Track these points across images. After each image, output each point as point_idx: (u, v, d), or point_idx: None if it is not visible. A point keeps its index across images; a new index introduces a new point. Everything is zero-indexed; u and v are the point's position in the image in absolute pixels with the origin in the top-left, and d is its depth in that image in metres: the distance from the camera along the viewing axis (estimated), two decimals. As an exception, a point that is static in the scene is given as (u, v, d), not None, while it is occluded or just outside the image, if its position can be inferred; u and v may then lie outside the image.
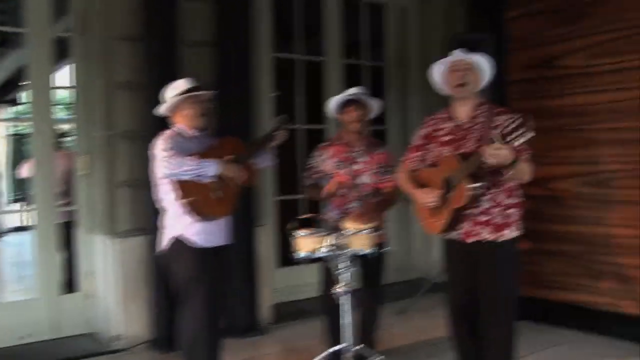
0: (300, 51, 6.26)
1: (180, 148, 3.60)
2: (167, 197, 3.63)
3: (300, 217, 3.66)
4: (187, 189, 3.54)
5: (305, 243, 3.63)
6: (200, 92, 3.76)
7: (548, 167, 5.04)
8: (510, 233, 3.35)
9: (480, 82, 3.41)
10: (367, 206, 3.90)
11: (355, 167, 4.04)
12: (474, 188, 3.19)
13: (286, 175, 6.25)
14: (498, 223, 3.33)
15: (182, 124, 3.77)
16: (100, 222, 4.83)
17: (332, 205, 4.09)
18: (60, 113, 10.23)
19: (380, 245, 4.01)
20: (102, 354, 4.64)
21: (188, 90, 3.74)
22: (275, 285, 5.65)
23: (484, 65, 3.41)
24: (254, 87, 5.15)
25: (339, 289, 3.63)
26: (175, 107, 3.76)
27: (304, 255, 3.64)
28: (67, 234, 5.47)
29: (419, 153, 3.60)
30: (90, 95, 4.86)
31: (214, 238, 3.72)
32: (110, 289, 4.76)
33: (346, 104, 4.02)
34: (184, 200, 3.55)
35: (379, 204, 3.98)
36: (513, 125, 2.89)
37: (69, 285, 5.34)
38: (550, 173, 5.02)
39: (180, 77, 4.62)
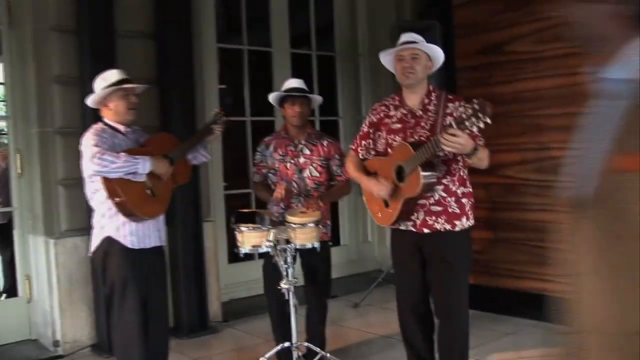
0: (249, 42, 6.11)
1: (110, 144, 3.39)
2: (97, 195, 3.42)
3: (241, 211, 3.51)
4: (117, 187, 3.32)
5: (249, 238, 3.49)
6: (129, 85, 3.53)
7: (498, 154, 4.89)
8: (464, 223, 3.25)
9: (429, 69, 3.26)
10: (312, 199, 3.78)
11: (300, 160, 3.92)
12: (428, 177, 3.08)
13: (235, 168, 6.12)
14: (453, 213, 3.22)
15: (110, 118, 3.54)
16: (37, 223, 4.63)
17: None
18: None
19: (326, 238, 3.93)
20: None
21: (117, 82, 3.51)
22: (226, 282, 5.53)
23: (433, 52, 3.26)
24: (197, 79, 4.98)
25: (283, 284, 3.52)
26: (103, 100, 3.53)
27: (247, 250, 3.50)
28: (6, 235, 5.24)
29: (368, 141, 3.46)
30: (23, 91, 4.65)
31: (147, 239, 3.53)
32: (50, 293, 4.56)
33: (285, 98, 3.90)
34: (114, 200, 3.35)
35: (325, 196, 3.86)
36: (469, 112, 2.79)
37: (12, 289, 5.13)
38: (500, 160, 4.93)
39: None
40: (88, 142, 3.37)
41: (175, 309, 4.94)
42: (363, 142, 3.48)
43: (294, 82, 3.95)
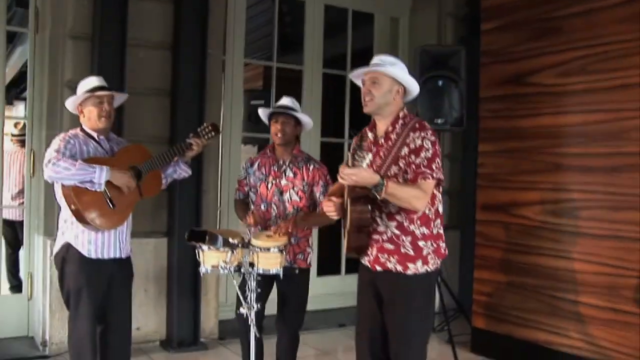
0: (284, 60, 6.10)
1: (76, 151, 3.37)
2: (62, 200, 3.40)
3: (194, 229, 3.41)
4: (72, 194, 3.27)
5: (209, 257, 3.38)
6: (101, 92, 3.47)
7: (512, 192, 4.67)
8: (419, 267, 2.95)
9: (397, 94, 2.99)
10: (283, 223, 3.62)
11: (281, 181, 3.78)
12: (355, 211, 2.88)
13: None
14: (406, 254, 2.96)
15: (86, 124, 3.52)
16: (39, 222, 4.74)
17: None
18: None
19: (304, 266, 3.78)
20: (30, 358, 4.52)
21: (92, 89, 3.48)
22: (229, 301, 5.44)
23: (398, 77, 2.99)
24: (206, 91, 4.96)
25: (242, 309, 3.40)
26: (79, 106, 3.51)
27: (206, 269, 3.40)
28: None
29: None
30: (39, 94, 4.79)
31: (106, 249, 3.46)
32: (44, 293, 4.64)
33: (272, 115, 3.78)
34: (69, 206, 3.31)
35: (301, 222, 3.68)
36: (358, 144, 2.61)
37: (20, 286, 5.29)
38: (517, 199, 4.64)
39: (124, 78, 4.59)
40: (51, 146, 3.37)
41: (168, 321, 4.92)
42: None
43: (283, 100, 3.82)
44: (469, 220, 5.54)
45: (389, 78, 2.98)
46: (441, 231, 3.06)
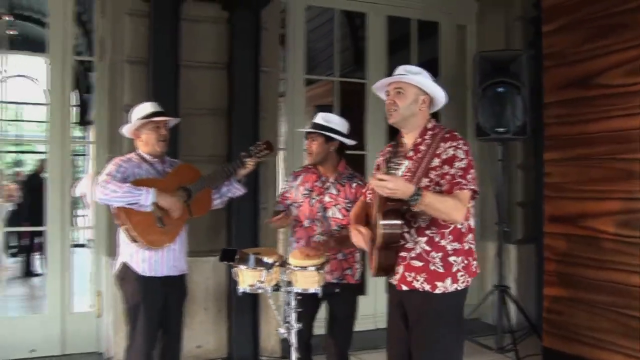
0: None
1: (128, 174, 3.50)
2: (116, 221, 3.55)
3: (226, 248, 3.38)
4: (122, 213, 3.41)
5: (246, 277, 3.35)
6: (159, 118, 3.63)
7: (581, 202, 4.35)
8: (448, 285, 2.79)
9: (422, 104, 2.86)
10: (322, 242, 3.54)
11: (325, 198, 3.69)
12: (385, 226, 2.73)
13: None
14: (434, 271, 2.80)
15: (142, 148, 3.66)
16: (103, 243, 4.89)
17: (296, 236, 3.77)
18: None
19: (351, 281, 3.67)
20: (95, 374, 4.67)
21: (149, 115, 3.63)
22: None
23: (424, 85, 2.85)
24: (260, 109, 4.96)
25: (280, 329, 3.33)
26: (136, 131, 3.67)
27: (244, 289, 3.36)
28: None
29: None
30: (100, 118, 4.98)
31: (159, 268, 3.56)
32: (108, 311, 4.78)
33: (308, 133, 3.72)
34: (122, 227, 3.46)
35: (339, 241, 3.58)
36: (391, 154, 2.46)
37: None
38: (584, 209, 4.31)
39: (178, 99, 4.67)
40: (105, 170, 3.54)
41: (228, 339, 4.93)
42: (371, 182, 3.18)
43: (317, 117, 3.74)
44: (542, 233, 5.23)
45: (414, 88, 2.85)
46: (473, 247, 2.88)
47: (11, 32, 11.29)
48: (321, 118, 3.70)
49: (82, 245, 8.86)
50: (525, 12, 6.00)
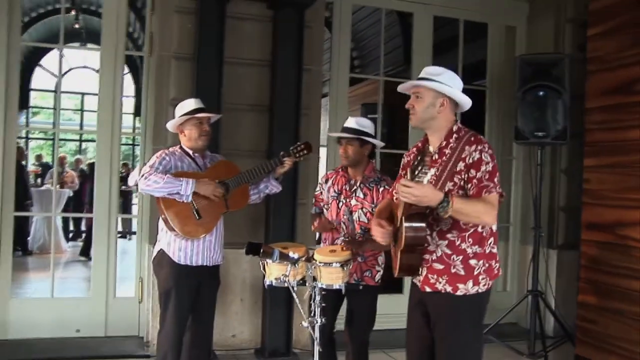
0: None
1: (171, 166, 3.68)
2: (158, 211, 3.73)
3: (251, 242, 3.48)
4: (161, 204, 3.61)
5: (273, 270, 3.46)
6: (201, 115, 3.79)
7: (618, 210, 4.27)
8: (469, 288, 2.82)
9: (443, 107, 2.86)
10: (353, 242, 3.62)
11: (351, 201, 3.77)
12: (408, 229, 2.75)
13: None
14: (456, 274, 2.83)
15: (185, 142, 3.84)
16: (146, 231, 5.09)
17: (322, 237, 3.89)
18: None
19: (371, 283, 3.73)
20: (133, 357, 4.86)
21: (192, 111, 3.79)
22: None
23: (438, 88, 2.84)
24: (302, 106, 5.05)
25: (303, 322, 3.43)
26: (180, 126, 3.83)
27: (270, 282, 3.47)
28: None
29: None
30: (147, 111, 5.18)
31: (195, 257, 3.72)
32: (149, 296, 4.97)
33: (340, 137, 3.79)
34: (161, 216, 3.64)
35: (364, 243, 3.63)
36: (418, 159, 2.47)
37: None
38: (620, 218, 4.23)
39: (221, 94, 4.81)
40: (148, 162, 3.73)
41: (262, 330, 5.06)
42: (396, 184, 3.23)
43: (348, 121, 3.80)
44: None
45: (432, 91, 2.86)
46: (494, 250, 2.89)
47: (76, 26, 11.82)
48: (355, 122, 3.76)
49: (134, 233, 9.18)
50: (576, 15, 5.88)
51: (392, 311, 4.95)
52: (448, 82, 2.85)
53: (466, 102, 2.92)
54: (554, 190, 5.92)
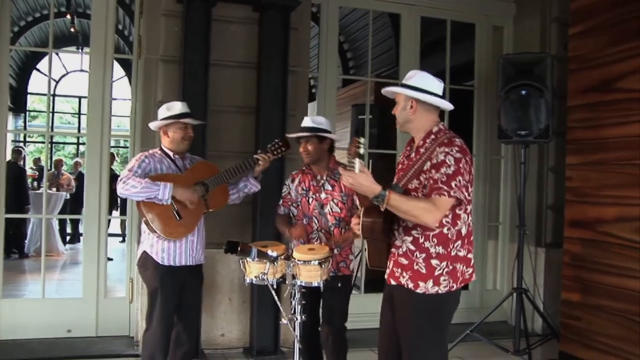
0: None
1: (151, 169, 3.75)
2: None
3: (230, 240, 3.53)
4: (142, 206, 3.68)
5: (253, 268, 3.51)
6: (187, 120, 3.85)
7: (599, 207, 4.32)
8: (429, 287, 2.86)
9: (405, 112, 2.93)
10: (333, 239, 3.69)
11: (321, 195, 3.86)
12: (366, 221, 2.87)
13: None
14: (418, 271, 2.88)
15: (166, 144, 3.89)
16: (134, 233, 5.14)
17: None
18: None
19: (347, 272, 3.82)
20: (123, 356, 4.91)
21: (179, 115, 3.86)
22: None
23: (399, 91, 2.94)
24: (288, 107, 5.10)
25: (283, 319, 3.47)
26: (164, 127, 3.89)
27: (251, 280, 3.52)
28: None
29: None
30: (135, 113, 5.25)
31: (178, 257, 3.79)
32: (139, 296, 5.02)
33: (298, 137, 3.88)
34: (143, 218, 3.71)
35: (343, 241, 3.75)
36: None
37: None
38: (601, 215, 4.28)
39: (207, 96, 4.85)
40: (127, 165, 3.78)
41: (250, 329, 5.10)
42: None
43: (304, 121, 3.92)
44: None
45: (402, 95, 2.96)
46: (462, 254, 2.91)
47: (72, 30, 11.89)
48: (310, 121, 3.89)
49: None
50: (561, 14, 5.93)
51: (376, 310, 4.98)
52: (419, 84, 2.92)
53: (435, 102, 2.96)
54: (542, 188, 5.96)
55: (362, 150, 2.71)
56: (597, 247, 4.33)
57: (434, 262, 2.86)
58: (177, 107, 3.91)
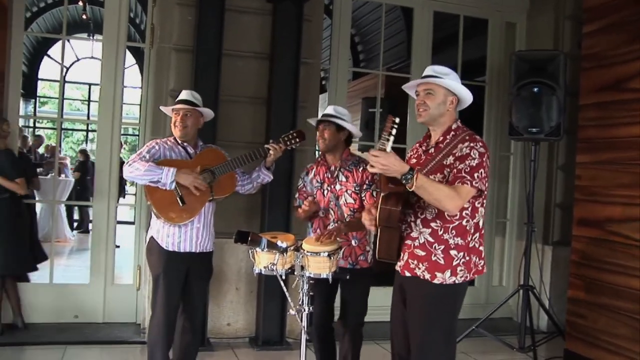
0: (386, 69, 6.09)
1: (160, 155, 3.76)
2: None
3: (240, 230, 3.54)
4: (146, 190, 3.71)
5: (262, 258, 3.52)
6: (181, 106, 3.85)
7: (609, 207, 4.31)
8: (447, 277, 2.89)
9: (450, 105, 2.96)
10: (328, 231, 3.67)
11: (336, 187, 3.85)
12: (385, 208, 2.87)
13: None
14: (436, 262, 2.91)
15: (173, 131, 3.90)
16: (143, 219, 5.17)
17: (313, 226, 3.94)
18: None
19: (365, 265, 3.81)
20: (129, 342, 4.95)
21: (177, 102, 3.88)
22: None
23: (452, 88, 2.95)
24: (299, 99, 5.11)
25: (290, 310, 3.49)
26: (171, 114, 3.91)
27: (260, 270, 3.53)
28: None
29: None
30: (147, 101, 5.26)
31: (183, 243, 3.79)
32: (146, 283, 5.05)
33: (318, 123, 3.87)
34: (147, 203, 3.71)
35: (344, 229, 3.71)
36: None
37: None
38: (611, 214, 4.27)
39: (219, 86, 4.87)
40: (137, 150, 3.77)
41: (257, 320, 5.13)
42: None
43: (328, 109, 3.91)
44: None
45: (443, 89, 2.96)
46: (477, 246, 2.95)
47: (84, 17, 11.92)
48: (332, 109, 3.87)
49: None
50: (575, 12, 5.90)
51: (384, 303, 4.97)
52: (459, 82, 2.97)
53: (468, 102, 3.03)
54: (550, 186, 5.95)
55: (394, 131, 2.69)
56: (605, 246, 4.33)
57: (452, 252, 2.89)
58: (182, 94, 3.94)
